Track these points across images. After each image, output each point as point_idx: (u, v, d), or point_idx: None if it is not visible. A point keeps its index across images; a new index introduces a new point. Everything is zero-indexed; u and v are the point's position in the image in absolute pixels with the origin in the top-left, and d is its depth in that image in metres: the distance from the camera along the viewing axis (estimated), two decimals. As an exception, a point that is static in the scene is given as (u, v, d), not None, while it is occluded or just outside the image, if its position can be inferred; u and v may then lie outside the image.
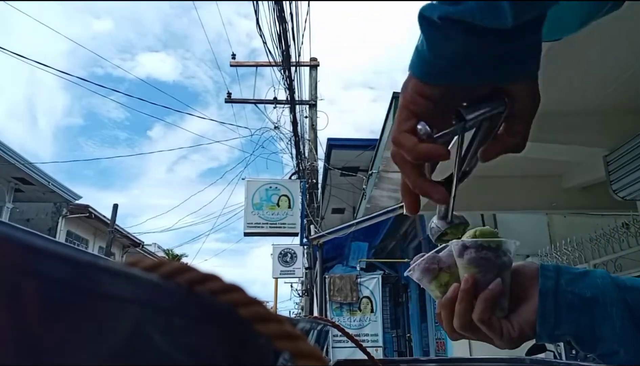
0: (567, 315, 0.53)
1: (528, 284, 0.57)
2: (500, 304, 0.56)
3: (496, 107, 0.47)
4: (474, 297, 0.55)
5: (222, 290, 0.21)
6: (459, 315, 0.56)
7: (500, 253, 0.57)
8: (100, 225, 14.10)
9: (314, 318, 0.75)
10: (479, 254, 0.56)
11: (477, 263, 0.56)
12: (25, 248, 0.14)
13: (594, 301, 0.53)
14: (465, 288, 0.55)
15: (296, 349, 0.21)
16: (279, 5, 5.86)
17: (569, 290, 0.54)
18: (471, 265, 0.56)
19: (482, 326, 0.55)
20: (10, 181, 10.61)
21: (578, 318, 0.53)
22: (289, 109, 9.31)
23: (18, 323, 0.14)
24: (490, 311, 0.55)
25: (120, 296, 0.17)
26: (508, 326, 0.56)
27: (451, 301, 0.57)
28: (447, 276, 0.60)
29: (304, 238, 9.45)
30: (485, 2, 0.38)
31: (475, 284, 0.55)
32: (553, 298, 0.54)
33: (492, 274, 0.56)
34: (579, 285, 0.54)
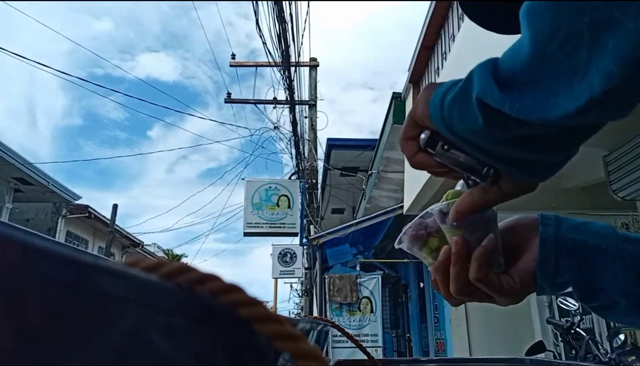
0: (568, 262, 0.52)
1: (527, 235, 0.56)
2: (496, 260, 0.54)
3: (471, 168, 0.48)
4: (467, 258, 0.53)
5: (222, 290, 0.21)
6: (455, 279, 0.54)
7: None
8: (100, 225, 14.10)
9: (314, 318, 0.75)
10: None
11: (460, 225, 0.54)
12: (25, 248, 0.14)
13: (597, 249, 0.52)
14: (457, 250, 0.53)
15: (296, 349, 0.21)
16: (279, 6, 5.86)
17: (570, 237, 0.53)
18: (455, 228, 0.54)
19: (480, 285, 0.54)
20: (9, 181, 10.61)
21: (579, 265, 0.52)
22: (289, 109, 9.31)
23: (18, 323, 0.14)
24: (486, 269, 0.53)
25: (120, 297, 0.17)
26: (508, 279, 0.54)
27: (444, 264, 0.55)
28: (437, 241, 0.58)
29: (303, 238, 9.45)
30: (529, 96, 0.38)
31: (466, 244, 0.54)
32: (553, 244, 0.52)
33: (479, 232, 0.54)
34: (580, 233, 0.53)
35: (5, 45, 7.17)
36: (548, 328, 4.95)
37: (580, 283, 0.53)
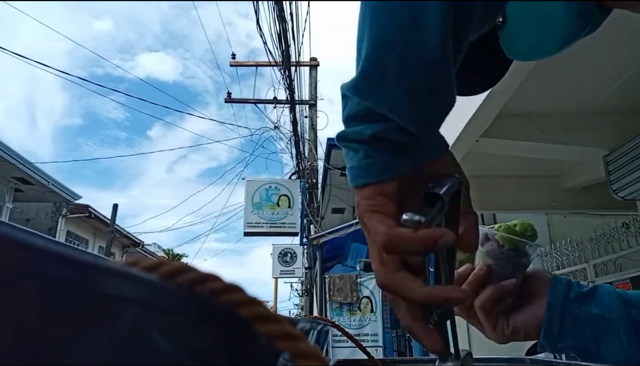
0: (572, 329, 0.55)
1: (536, 290, 0.58)
2: (506, 301, 0.57)
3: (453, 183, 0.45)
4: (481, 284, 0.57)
5: (222, 290, 0.21)
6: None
7: (520, 254, 0.57)
8: (100, 225, 14.10)
9: (314, 318, 0.75)
10: (500, 249, 0.57)
11: (494, 256, 0.57)
12: (25, 248, 0.14)
13: (601, 317, 0.54)
14: (478, 274, 0.57)
15: (296, 349, 0.21)
16: (279, 5, 5.85)
17: (576, 306, 0.55)
18: (489, 257, 0.57)
19: (480, 312, 0.57)
20: (10, 181, 10.60)
21: (583, 333, 0.54)
22: (289, 109, 9.31)
23: (18, 323, 0.14)
24: (494, 303, 0.57)
25: (120, 296, 0.17)
26: (503, 322, 0.58)
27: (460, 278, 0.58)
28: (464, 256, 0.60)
29: (303, 238, 9.45)
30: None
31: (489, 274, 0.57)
32: (560, 310, 0.55)
33: (506, 271, 0.57)
34: (586, 302, 0.56)
35: (5, 45, 7.18)
36: (548, 328, 4.94)
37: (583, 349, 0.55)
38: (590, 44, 2.61)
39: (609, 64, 2.90)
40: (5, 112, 45.68)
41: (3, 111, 43.00)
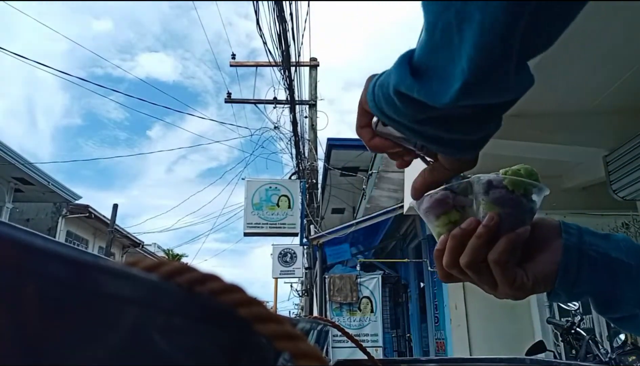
0: (590, 273, 0.52)
1: (548, 236, 0.55)
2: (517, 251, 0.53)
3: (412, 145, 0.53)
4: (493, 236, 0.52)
5: (222, 290, 0.21)
6: (472, 250, 0.52)
7: (529, 198, 0.54)
8: (100, 225, 14.10)
9: (314, 318, 0.75)
10: (508, 195, 0.53)
11: (504, 204, 0.52)
12: (25, 248, 0.14)
13: (618, 261, 0.52)
14: (488, 224, 0.51)
15: (296, 349, 0.21)
16: (279, 6, 5.86)
17: (593, 249, 0.52)
18: (497, 204, 0.52)
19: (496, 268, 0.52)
20: (10, 181, 10.61)
21: (600, 277, 0.52)
22: (289, 109, 9.31)
23: (18, 323, 0.14)
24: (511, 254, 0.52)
25: (120, 296, 0.17)
26: (522, 274, 0.53)
27: (465, 233, 0.53)
28: (458, 215, 0.55)
29: (303, 238, 9.45)
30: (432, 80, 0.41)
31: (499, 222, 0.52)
32: (577, 253, 0.52)
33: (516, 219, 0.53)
34: (602, 245, 0.53)
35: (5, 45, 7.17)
36: (548, 328, 4.95)
37: (599, 294, 0.53)
38: (590, 44, 2.61)
39: (609, 64, 2.90)
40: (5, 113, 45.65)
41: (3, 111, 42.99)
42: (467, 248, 0.53)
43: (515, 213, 0.53)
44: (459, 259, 0.54)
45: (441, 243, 0.55)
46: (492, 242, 0.52)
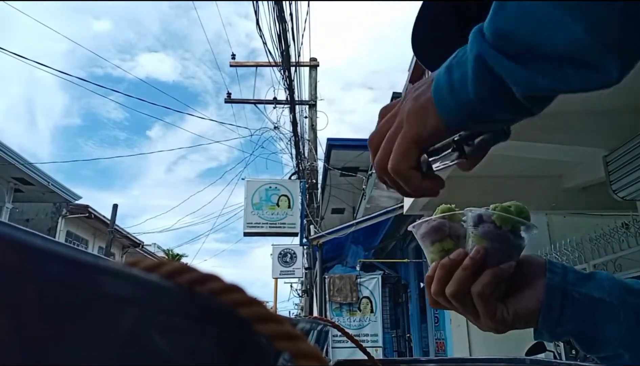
0: (572, 314, 0.53)
1: (533, 273, 0.56)
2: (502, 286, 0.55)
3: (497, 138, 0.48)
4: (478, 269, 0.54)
5: (222, 290, 0.21)
6: (458, 282, 0.54)
7: (517, 235, 0.55)
8: (100, 225, 14.10)
9: (314, 318, 0.75)
10: (496, 230, 0.54)
11: (491, 238, 0.54)
12: (25, 248, 0.14)
13: (601, 302, 0.52)
14: (475, 257, 0.53)
15: (296, 349, 0.21)
16: (279, 6, 5.86)
17: (576, 289, 0.53)
18: (485, 238, 0.54)
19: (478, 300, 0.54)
20: (9, 181, 10.60)
21: (583, 318, 0.52)
22: (289, 109, 9.31)
23: (18, 323, 0.14)
24: (494, 288, 0.54)
25: (121, 297, 0.17)
26: (503, 309, 0.54)
27: (453, 264, 0.54)
28: (452, 244, 0.57)
29: (303, 238, 9.45)
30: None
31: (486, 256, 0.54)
32: (560, 293, 0.53)
33: (504, 253, 0.54)
34: (586, 285, 0.53)
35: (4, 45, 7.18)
36: (548, 328, 4.95)
37: (582, 335, 0.53)
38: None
39: (608, 64, 2.90)
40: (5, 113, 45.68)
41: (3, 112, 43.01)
42: (453, 279, 0.54)
43: (502, 248, 0.54)
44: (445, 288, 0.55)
45: (432, 270, 0.57)
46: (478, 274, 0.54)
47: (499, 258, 0.54)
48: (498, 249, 0.54)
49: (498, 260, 0.54)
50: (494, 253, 0.54)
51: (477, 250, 0.54)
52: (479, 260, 0.53)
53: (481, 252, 0.53)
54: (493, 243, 0.54)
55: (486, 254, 0.54)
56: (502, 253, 0.54)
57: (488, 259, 0.54)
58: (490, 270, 0.53)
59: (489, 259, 0.54)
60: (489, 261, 0.54)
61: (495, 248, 0.54)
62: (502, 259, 0.54)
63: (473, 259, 0.53)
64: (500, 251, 0.54)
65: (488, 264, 0.54)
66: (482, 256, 0.53)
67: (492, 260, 0.54)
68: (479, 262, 0.53)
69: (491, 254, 0.54)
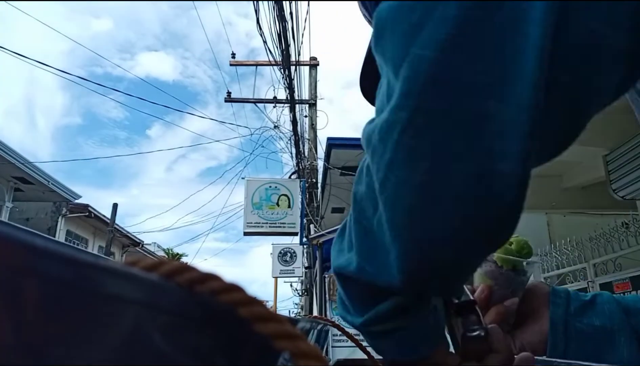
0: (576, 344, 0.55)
1: (537, 304, 0.58)
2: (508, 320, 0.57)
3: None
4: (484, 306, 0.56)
5: (222, 290, 0.21)
6: None
7: (519, 273, 0.58)
8: (99, 224, 14.10)
9: (314, 318, 0.75)
10: (498, 269, 0.57)
11: (494, 277, 0.57)
12: (25, 248, 0.14)
13: (602, 329, 0.54)
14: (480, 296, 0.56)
15: (296, 349, 0.21)
16: (279, 5, 5.85)
17: (579, 320, 0.55)
18: (488, 277, 0.57)
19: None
20: (9, 181, 10.60)
21: (587, 346, 0.54)
22: (289, 108, 9.31)
23: (18, 323, 0.14)
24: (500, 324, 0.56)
25: (120, 296, 0.17)
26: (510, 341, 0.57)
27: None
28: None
29: (303, 238, 9.45)
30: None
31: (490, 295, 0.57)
32: (563, 327, 0.55)
33: (507, 291, 0.57)
34: (587, 314, 0.56)
35: (5, 44, 7.16)
36: (548, 327, 4.94)
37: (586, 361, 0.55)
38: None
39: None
40: (5, 112, 45.69)
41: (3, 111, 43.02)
42: None
43: (505, 286, 0.57)
44: None
45: None
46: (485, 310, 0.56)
47: (502, 294, 0.57)
48: (501, 287, 0.57)
49: (502, 297, 0.57)
50: (497, 291, 0.57)
51: (481, 289, 0.57)
52: (485, 299, 0.56)
53: (486, 292, 0.57)
54: (496, 281, 0.57)
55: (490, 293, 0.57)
56: (505, 290, 0.57)
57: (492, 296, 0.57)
58: (494, 308, 0.56)
59: (493, 296, 0.57)
60: (494, 298, 0.57)
61: (498, 286, 0.57)
62: (506, 296, 0.57)
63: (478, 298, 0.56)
64: (503, 289, 0.57)
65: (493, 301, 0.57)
66: (488, 296, 0.56)
67: (496, 297, 0.57)
68: (483, 301, 0.56)
69: (495, 291, 0.57)
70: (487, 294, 0.56)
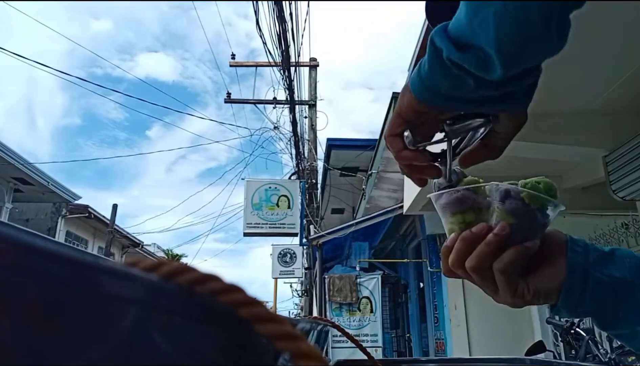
0: (593, 294, 0.53)
1: (554, 250, 0.55)
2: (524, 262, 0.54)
3: (480, 124, 0.52)
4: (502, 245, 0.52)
5: (222, 290, 0.21)
6: (480, 257, 0.53)
7: (545, 213, 0.54)
8: (99, 225, 14.10)
9: (313, 318, 0.75)
10: (525, 207, 0.53)
11: (519, 215, 0.53)
12: (25, 248, 0.14)
13: (622, 281, 0.52)
14: (500, 234, 0.52)
15: (296, 349, 0.21)
16: (279, 6, 5.86)
17: (598, 269, 0.53)
18: (512, 215, 0.53)
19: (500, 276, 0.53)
20: (9, 181, 10.60)
21: (604, 298, 0.52)
22: (289, 109, 9.31)
23: (18, 323, 0.14)
24: (517, 266, 0.53)
25: (120, 297, 0.17)
26: (524, 286, 0.54)
27: (476, 237, 0.53)
28: (474, 216, 0.55)
29: (303, 238, 9.45)
30: (480, 55, 0.43)
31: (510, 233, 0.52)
32: (582, 274, 0.53)
33: (528, 231, 0.53)
34: (607, 265, 0.53)
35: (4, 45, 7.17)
36: (548, 328, 4.95)
37: (602, 314, 0.54)
38: (590, 44, 2.61)
39: (609, 64, 2.90)
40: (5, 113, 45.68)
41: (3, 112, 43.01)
42: (475, 253, 0.53)
43: (528, 226, 0.53)
44: (464, 261, 0.54)
45: (451, 241, 0.56)
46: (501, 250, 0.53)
47: (523, 235, 0.53)
48: (523, 227, 0.53)
49: (522, 238, 0.53)
50: (519, 230, 0.52)
51: (502, 227, 0.52)
52: (504, 237, 0.52)
53: (507, 229, 0.52)
54: (520, 220, 0.53)
55: (511, 232, 0.52)
56: (528, 231, 0.53)
57: (512, 236, 0.52)
58: (514, 248, 0.52)
59: (513, 236, 0.52)
60: (513, 238, 0.52)
61: (521, 226, 0.53)
62: (527, 237, 0.53)
63: (498, 235, 0.52)
64: (526, 229, 0.53)
65: (512, 241, 0.52)
66: (508, 234, 0.52)
67: (517, 237, 0.52)
68: (503, 239, 0.52)
69: (516, 231, 0.52)
70: (507, 231, 0.52)
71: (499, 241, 0.52)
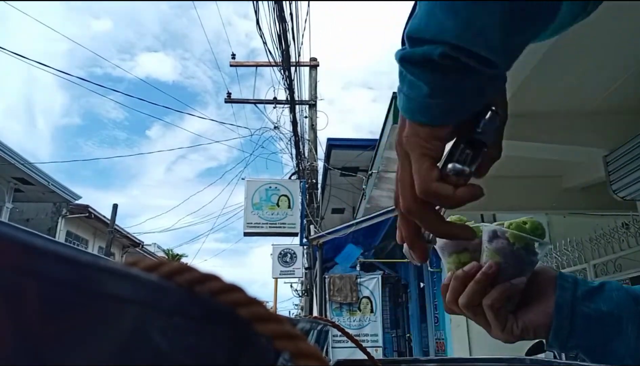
0: (582, 329, 0.54)
1: (544, 287, 0.58)
2: (514, 299, 0.57)
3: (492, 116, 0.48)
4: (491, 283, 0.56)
5: (222, 290, 0.21)
6: (470, 294, 0.56)
7: (530, 253, 0.57)
8: (99, 225, 14.10)
9: (314, 318, 0.75)
10: (510, 247, 0.56)
11: (504, 254, 0.56)
12: (25, 248, 0.14)
13: (610, 315, 0.54)
14: (487, 272, 0.55)
15: (296, 349, 0.21)
16: (279, 5, 5.85)
17: (586, 304, 0.55)
18: (498, 254, 0.56)
19: (489, 312, 0.56)
20: (10, 181, 10.60)
21: (592, 332, 0.54)
22: (289, 109, 9.31)
23: (18, 323, 0.14)
24: (504, 303, 0.56)
25: (120, 297, 0.17)
26: (513, 322, 0.56)
27: (467, 276, 0.57)
28: (469, 257, 0.59)
29: (303, 238, 9.45)
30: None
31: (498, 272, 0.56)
32: (569, 310, 0.55)
33: (515, 269, 0.56)
34: (595, 299, 0.55)
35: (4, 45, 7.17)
36: (548, 328, 4.94)
37: (592, 348, 0.55)
38: (590, 44, 2.61)
39: (609, 64, 2.90)
40: (5, 113, 45.72)
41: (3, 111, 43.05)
42: (466, 291, 0.57)
43: (514, 264, 0.56)
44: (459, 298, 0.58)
45: (447, 279, 0.60)
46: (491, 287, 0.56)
47: (511, 273, 0.56)
48: (510, 265, 0.56)
49: (510, 275, 0.56)
50: (506, 269, 0.56)
51: (489, 265, 0.56)
52: (491, 275, 0.55)
53: (493, 268, 0.56)
54: (506, 259, 0.56)
55: (499, 270, 0.56)
56: (514, 269, 0.56)
57: (500, 274, 0.56)
58: (501, 285, 0.55)
59: (501, 274, 0.56)
60: (501, 276, 0.56)
61: (507, 264, 0.56)
62: (514, 275, 0.56)
63: (485, 274, 0.55)
64: (512, 267, 0.56)
65: (500, 278, 0.56)
66: (495, 272, 0.55)
67: (504, 275, 0.56)
68: (491, 277, 0.55)
69: (503, 269, 0.56)
70: (494, 270, 0.55)
71: (487, 279, 0.55)
